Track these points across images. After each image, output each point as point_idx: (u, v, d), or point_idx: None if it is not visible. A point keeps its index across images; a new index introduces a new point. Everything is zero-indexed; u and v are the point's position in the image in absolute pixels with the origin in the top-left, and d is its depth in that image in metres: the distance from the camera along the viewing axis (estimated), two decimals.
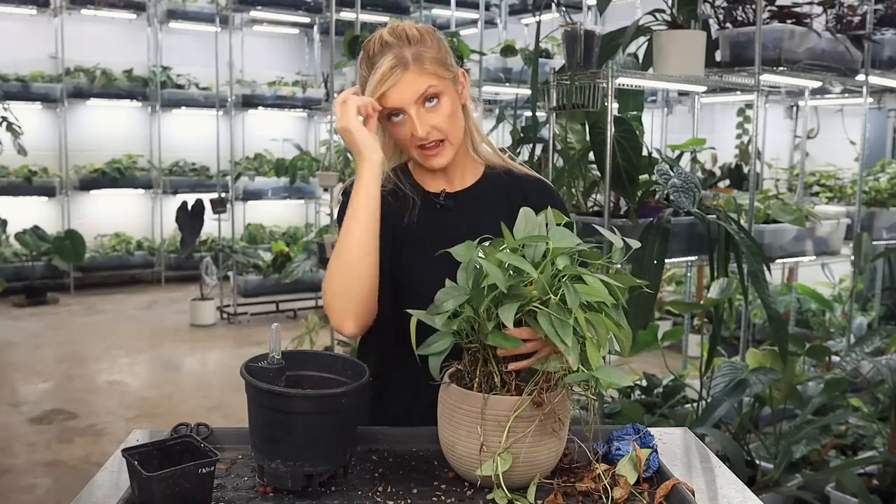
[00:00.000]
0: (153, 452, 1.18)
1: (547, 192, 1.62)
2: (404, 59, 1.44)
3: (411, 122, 1.46)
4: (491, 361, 1.25)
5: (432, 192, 1.58)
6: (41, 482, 3.84)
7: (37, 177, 8.30)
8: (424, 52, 1.45)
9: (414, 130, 1.46)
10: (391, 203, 1.54)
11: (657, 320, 5.21)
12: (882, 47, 3.81)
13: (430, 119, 1.46)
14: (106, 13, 8.58)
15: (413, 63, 1.44)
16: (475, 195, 1.58)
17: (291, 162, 8.14)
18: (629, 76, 2.97)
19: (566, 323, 1.15)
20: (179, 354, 6.30)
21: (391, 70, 1.43)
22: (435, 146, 1.48)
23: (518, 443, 1.20)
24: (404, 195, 1.57)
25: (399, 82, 1.43)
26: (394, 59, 1.43)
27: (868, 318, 5.20)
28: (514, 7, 7.60)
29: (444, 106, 1.47)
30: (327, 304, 1.47)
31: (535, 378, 1.23)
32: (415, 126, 1.45)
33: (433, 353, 1.25)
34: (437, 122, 1.47)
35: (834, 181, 4.81)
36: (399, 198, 1.56)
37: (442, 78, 1.46)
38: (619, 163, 2.84)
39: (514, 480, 1.22)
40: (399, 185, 1.57)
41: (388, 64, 1.43)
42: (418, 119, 1.45)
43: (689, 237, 3.10)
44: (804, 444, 3.25)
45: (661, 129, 7.30)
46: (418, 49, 1.45)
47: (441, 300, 1.24)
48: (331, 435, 1.21)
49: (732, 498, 1.27)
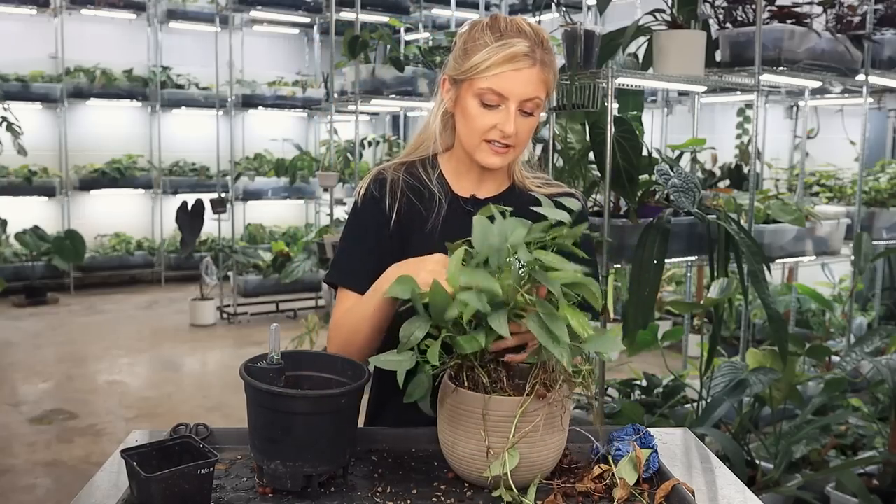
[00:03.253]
0: (152, 453, 1.18)
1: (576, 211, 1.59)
2: (534, 55, 1.39)
3: (505, 115, 1.40)
4: (477, 366, 1.25)
5: (461, 196, 1.54)
6: (41, 482, 3.84)
7: (37, 177, 8.30)
8: (549, 61, 1.42)
9: (503, 125, 1.40)
10: (412, 200, 1.51)
11: (657, 320, 5.21)
12: (882, 47, 3.80)
13: (520, 124, 1.42)
14: (106, 13, 8.58)
15: (540, 64, 1.40)
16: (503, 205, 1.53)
17: (291, 162, 8.14)
18: (629, 76, 2.96)
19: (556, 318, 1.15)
20: (179, 354, 6.30)
21: (523, 55, 1.38)
22: (504, 148, 1.44)
23: (519, 442, 1.20)
24: (430, 193, 1.52)
25: (523, 71, 1.38)
26: (529, 47, 1.38)
27: (868, 318, 5.19)
28: (514, 7, 7.60)
29: (533, 121, 1.45)
30: (329, 343, 1.49)
31: (534, 371, 1.23)
32: (507, 121, 1.40)
33: (418, 398, 1.25)
34: (523, 130, 1.43)
35: (834, 181, 4.81)
36: (422, 195, 1.52)
37: (546, 96, 1.44)
38: (619, 163, 2.84)
39: (515, 481, 1.22)
40: (426, 181, 1.53)
41: (522, 48, 1.38)
42: (514, 116, 1.40)
43: (689, 237, 3.09)
44: (804, 444, 3.25)
45: (661, 129, 7.30)
46: (547, 56, 1.42)
47: (406, 334, 1.22)
48: (330, 435, 1.21)
49: (732, 498, 1.27)
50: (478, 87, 1.40)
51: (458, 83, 1.44)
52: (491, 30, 1.40)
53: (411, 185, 1.53)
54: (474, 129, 1.43)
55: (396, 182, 1.53)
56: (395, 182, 1.53)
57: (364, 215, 1.54)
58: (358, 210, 1.55)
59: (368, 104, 5.83)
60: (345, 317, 1.49)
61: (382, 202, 1.52)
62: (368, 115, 10.25)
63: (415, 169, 1.55)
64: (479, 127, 1.42)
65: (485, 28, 1.41)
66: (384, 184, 1.53)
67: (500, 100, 1.40)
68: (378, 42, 4.95)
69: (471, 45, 1.41)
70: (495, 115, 1.41)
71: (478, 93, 1.40)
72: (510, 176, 1.57)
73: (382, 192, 1.53)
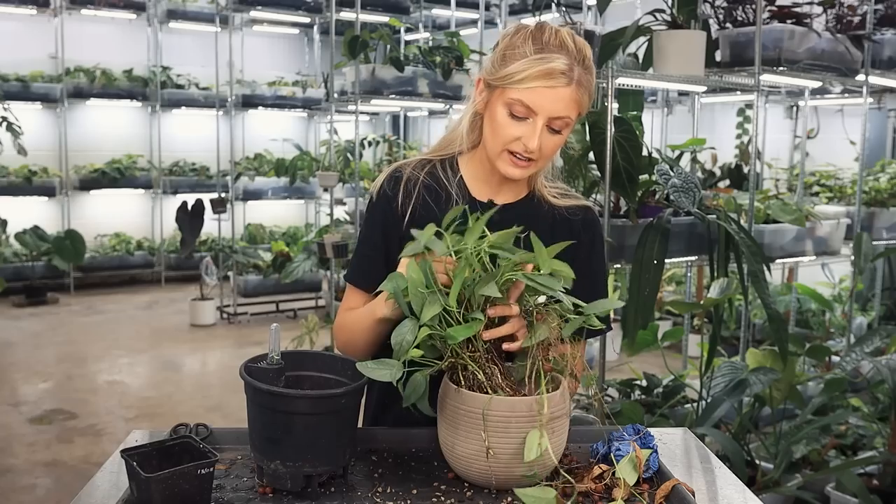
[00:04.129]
0: (152, 453, 1.18)
1: (592, 224, 1.56)
2: (572, 73, 1.35)
3: (531, 130, 1.37)
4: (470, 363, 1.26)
5: (478, 200, 1.51)
6: (41, 482, 3.84)
7: (37, 177, 8.29)
8: (587, 81, 1.39)
9: (527, 140, 1.38)
10: (428, 201, 1.49)
11: (657, 320, 5.21)
12: (882, 47, 3.80)
13: (546, 140, 1.39)
14: (106, 13, 8.58)
15: (575, 84, 1.36)
16: (519, 214, 1.49)
17: (291, 162, 8.14)
18: (629, 76, 2.96)
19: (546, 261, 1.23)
20: (179, 354, 6.30)
21: (560, 73, 1.34)
22: (525, 161, 1.41)
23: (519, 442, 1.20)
24: (447, 196, 1.50)
25: (556, 89, 1.35)
26: (566, 66, 1.35)
27: (868, 318, 5.19)
28: (514, 7, 7.59)
29: (560, 138, 1.41)
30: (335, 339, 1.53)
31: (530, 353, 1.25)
32: (532, 137, 1.37)
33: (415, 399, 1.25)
34: (547, 147, 1.40)
35: (834, 181, 4.81)
36: (439, 196, 1.50)
37: (579, 114, 1.41)
38: (619, 163, 2.84)
39: (515, 481, 1.22)
40: (445, 183, 1.51)
41: (560, 65, 1.34)
42: (539, 133, 1.37)
43: (689, 237, 3.09)
44: (804, 444, 3.25)
45: (661, 129, 7.30)
46: (585, 76, 1.38)
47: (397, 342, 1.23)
48: (330, 435, 1.21)
49: (732, 498, 1.27)
50: (508, 97, 1.37)
51: (492, 87, 1.41)
52: (533, 40, 1.37)
53: (428, 186, 1.51)
54: (499, 138, 1.41)
55: (412, 181, 1.51)
56: (411, 181, 1.51)
57: (374, 212, 1.53)
58: (370, 207, 1.55)
59: (368, 104, 5.83)
60: (345, 317, 1.51)
61: (395, 201, 1.50)
62: (368, 115, 10.25)
63: (435, 169, 1.53)
64: (504, 136, 1.40)
65: (527, 37, 1.38)
66: (399, 182, 1.52)
67: (529, 113, 1.37)
68: (378, 42, 4.95)
69: (510, 52, 1.38)
70: (522, 127, 1.38)
71: (508, 102, 1.38)
72: (529, 184, 1.55)
73: (396, 191, 1.51)
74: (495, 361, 1.27)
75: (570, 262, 1.48)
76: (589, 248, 1.54)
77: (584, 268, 1.49)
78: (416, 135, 10.31)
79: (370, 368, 1.22)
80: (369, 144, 7.47)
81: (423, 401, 1.25)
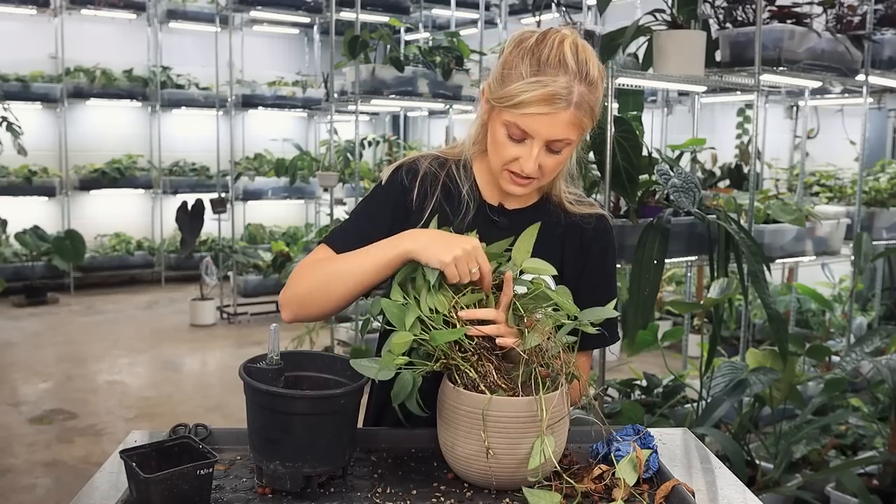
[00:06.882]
0: (151, 454, 1.18)
1: (604, 233, 1.52)
2: (570, 96, 1.30)
3: (527, 153, 1.35)
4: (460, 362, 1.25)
5: (489, 204, 1.49)
6: (41, 482, 3.83)
7: (37, 177, 8.29)
8: (589, 100, 1.33)
9: (524, 162, 1.35)
10: (441, 199, 1.47)
11: (657, 320, 5.21)
12: (882, 47, 3.80)
13: (545, 160, 1.36)
14: (106, 13, 8.58)
15: (574, 107, 1.31)
16: (529, 219, 1.43)
17: (291, 162, 8.14)
18: (629, 76, 2.96)
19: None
20: (179, 354, 6.30)
21: (557, 98, 1.29)
22: (525, 179, 1.38)
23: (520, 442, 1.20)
24: (460, 196, 1.48)
25: (550, 115, 1.31)
26: (564, 89, 1.30)
27: (868, 318, 5.19)
28: (514, 7, 7.59)
29: (563, 155, 1.38)
30: (287, 287, 1.42)
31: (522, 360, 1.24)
32: (528, 160, 1.34)
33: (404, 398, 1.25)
34: (548, 166, 1.37)
35: (834, 181, 4.81)
36: (452, 195, 1.48)
37: (583, 130, 1.36)
38: (619, 163, 2.84)
39: (516, 481, 1.22)
40: (459, 184, 1.48)
41: (558, 88, 1.29)
42: (536, 157, 1.34)
43: (689, 237, 3.09)
44: (804, 444, 3.25)
45: (661, 129, 7.30)
46: (587, 94, 1.32)
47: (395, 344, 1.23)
48: (330, 436, 1.21)
49: (732, 498, 1.27)
50: (505, 118, 1.34)
51: (492, 104, 1.38)
52: (531, 58, 1.32)
53: (444, 184, 1.48)
54: (497, 156, 1.39)
55: (430, 177, 1.49)
56: (429, 177, 1.48)
57: (387, 195, 1.48)
58: (381, 189, 1.50)
59: (368, 104, 5.83)
60: (318, 265, 1.42)
61: (410, 193, 1.47)
62: (368, 115, 10.25)
63: (450, 168, 1.51)
64: (503, 156, 1.38)
65: (526, 53, 1.33)
66: (416, 175, 1.48)
67: (525, 136, 1.34)
68: (378, 42, 4.95)
69: (507, 71, 1.34)
70: (519, 148, 1.35)
71: (505, 123, 1.35)
72: (542, 188, 1.51)
73: (413, 184, 1.47)
74: (489, 359, 1.27)
75: (580, 270, 1.48)
76: (599, 257, 1.50)
77: (594, 277, 1.49)
78: (416, 135, 10.32)
79: (364, 365, 1.23)
80: (369, 144, 7.48)
81: (412, 400, 1.25)
